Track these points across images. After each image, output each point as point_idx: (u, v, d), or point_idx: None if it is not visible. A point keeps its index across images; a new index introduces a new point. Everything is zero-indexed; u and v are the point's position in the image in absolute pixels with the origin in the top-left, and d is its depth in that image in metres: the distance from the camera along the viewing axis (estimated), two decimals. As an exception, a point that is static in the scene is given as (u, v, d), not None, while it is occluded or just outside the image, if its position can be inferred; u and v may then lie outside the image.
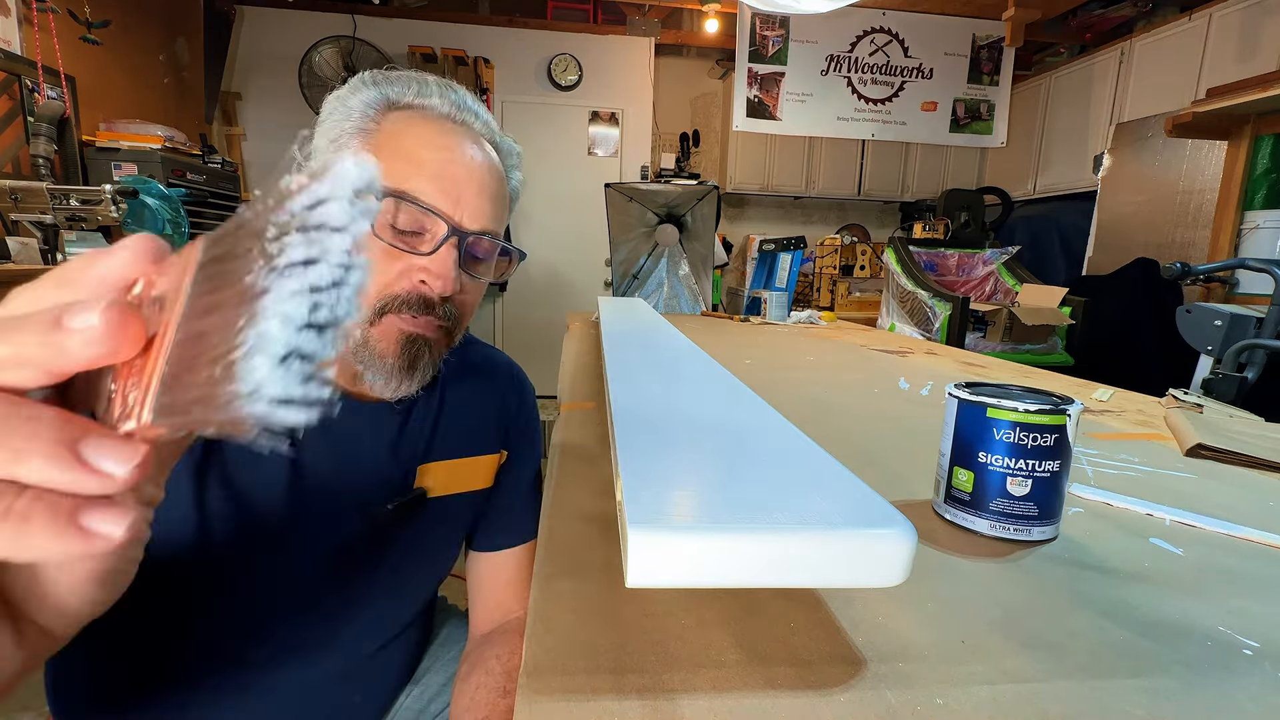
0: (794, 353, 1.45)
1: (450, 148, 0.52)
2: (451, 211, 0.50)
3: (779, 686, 0.32)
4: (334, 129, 0.52)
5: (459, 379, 0.66)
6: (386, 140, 0.51)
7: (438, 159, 0.51)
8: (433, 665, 0.71)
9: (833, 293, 3.96)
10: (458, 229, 0.51)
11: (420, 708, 0.67)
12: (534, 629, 0.36)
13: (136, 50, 3.03)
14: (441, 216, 0.50)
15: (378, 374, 0.51)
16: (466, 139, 0.53)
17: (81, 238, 2.11)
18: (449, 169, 0.51)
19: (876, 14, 3.84)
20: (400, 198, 0.49)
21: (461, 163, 0.52)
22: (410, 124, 0.52)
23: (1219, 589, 0.43)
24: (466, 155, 0.52)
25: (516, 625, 0.64)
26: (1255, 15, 2.66)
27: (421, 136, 0.51)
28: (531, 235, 4.11)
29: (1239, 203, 2.46)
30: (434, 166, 0.50)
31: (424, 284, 0.50)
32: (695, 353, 0.76)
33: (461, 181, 0.51)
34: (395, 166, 0.50)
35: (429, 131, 0.52)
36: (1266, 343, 1.63)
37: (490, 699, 0.55)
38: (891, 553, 0.27)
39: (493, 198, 0.54)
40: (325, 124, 0.53)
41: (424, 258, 0.50)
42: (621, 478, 0.32)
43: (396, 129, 0.51)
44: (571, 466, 0.65)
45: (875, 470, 0.65)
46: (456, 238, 0.51)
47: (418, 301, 0.51)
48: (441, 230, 0.50)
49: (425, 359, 0.53)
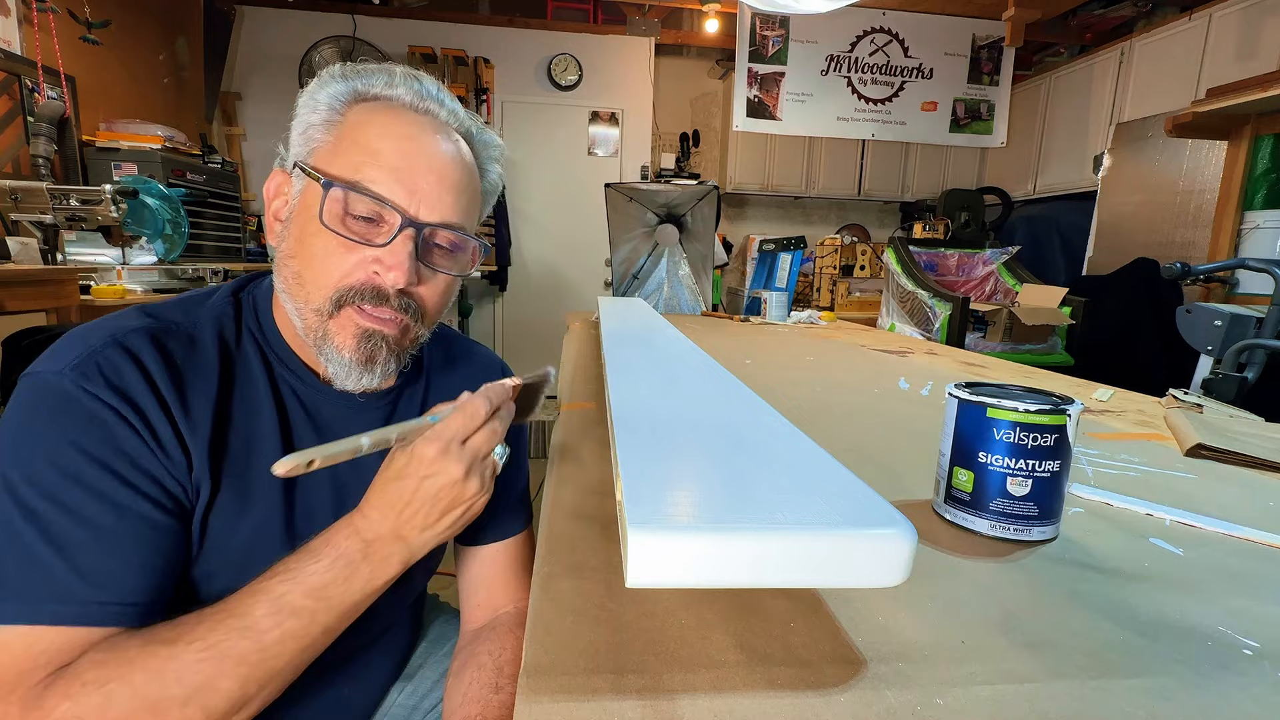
0: (794, 353, 1.45)
1: (410, 137, 0.51)
2: (406, 203, 0.50)
3: (779, 686, 0.32)
4: (303, 122, 0.52)
5: (444, 371, 0.66)
6: (348, 131, 0.51)
7: (395, 148, 0.50)
8: (425, 661, 0.71)
9: (833, 293, 3.96)
10: (412, 220, 0.50)
11: (413, 704, 0.67)
12: (534, 629, 0.36)
13: (136, 50, 3.03)
14: (395, 207, 0.49)
15: (337, 366, 0.52)
16: (429, 128, 0.52)
17: (81, 238, 2.11)
18: (406, 159, 0.50)
19: (876, 14, 3.83)
20: (351, 188, 0.48)
21: (420, 152, 0.51)
22: (373, 114, 0.51)
23: (1219, 589, 0.43)
24: (427, 145, 0.51)
25: (507, 620, 0.64)
26: (1255, 15, 2.66)
27: (382, 126, 0.51)
28: (531, 235, 4.11)
29: (1239, 203, 2.46)
30: (390, 156, 0.50)
31: (378, 275, 0.50)
32: (695, 353, 0.76)
33: (419, 171, 0.50)
34: (353, 157, 0.49)
35: (389, 121, 0.51)
36: (1266, 343, 1.63)
37: (482, 694, 0.55)
38: (892, 553, 0.27)
39: (455, 188, 0.53)
40: (298, 118, 0.53)
41: (378, 249, 0.50)
42: (621, 478, 0.32)
43: (360, 119, 0.51)
44: (572, 467, 0.65)
45: (875, 470, 0.65)
46: (412, 229, 0.50)
47: (372, 292, 0.50)
48: (396, 221, 0.50)
49: (384, 353, 0.52)
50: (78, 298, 1.89)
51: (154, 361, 0.46)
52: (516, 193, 4.00)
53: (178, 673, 0.39)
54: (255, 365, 0.53)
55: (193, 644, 0.40)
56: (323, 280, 0.50)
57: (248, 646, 0.41)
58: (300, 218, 0.51)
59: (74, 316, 1.85)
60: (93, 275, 2.11)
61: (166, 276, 2.31)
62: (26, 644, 0.39)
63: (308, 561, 0.44)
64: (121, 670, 0.39)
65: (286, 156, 0.54)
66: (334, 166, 0.50)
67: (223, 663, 0.40)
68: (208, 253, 2.87)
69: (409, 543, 0.47)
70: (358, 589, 0.45)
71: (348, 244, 0.49)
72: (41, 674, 0.39)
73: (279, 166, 0.55)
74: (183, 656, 0.40)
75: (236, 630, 0.41)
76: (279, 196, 0.54)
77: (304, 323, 0.51)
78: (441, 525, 0.47)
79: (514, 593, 0.66)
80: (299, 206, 0.52)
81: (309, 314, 0.51)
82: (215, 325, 0.52)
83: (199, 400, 0.48)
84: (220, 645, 0.40)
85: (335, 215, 0.49)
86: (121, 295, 2.03)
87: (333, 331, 0.51)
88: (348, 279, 0.50)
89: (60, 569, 0.40)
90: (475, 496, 0.48)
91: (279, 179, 0.54)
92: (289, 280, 0.51)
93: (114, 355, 0.45)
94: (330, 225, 0.49)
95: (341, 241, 0.49)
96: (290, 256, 0.52)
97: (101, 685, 0.38)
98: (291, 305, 0.52)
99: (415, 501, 0.45)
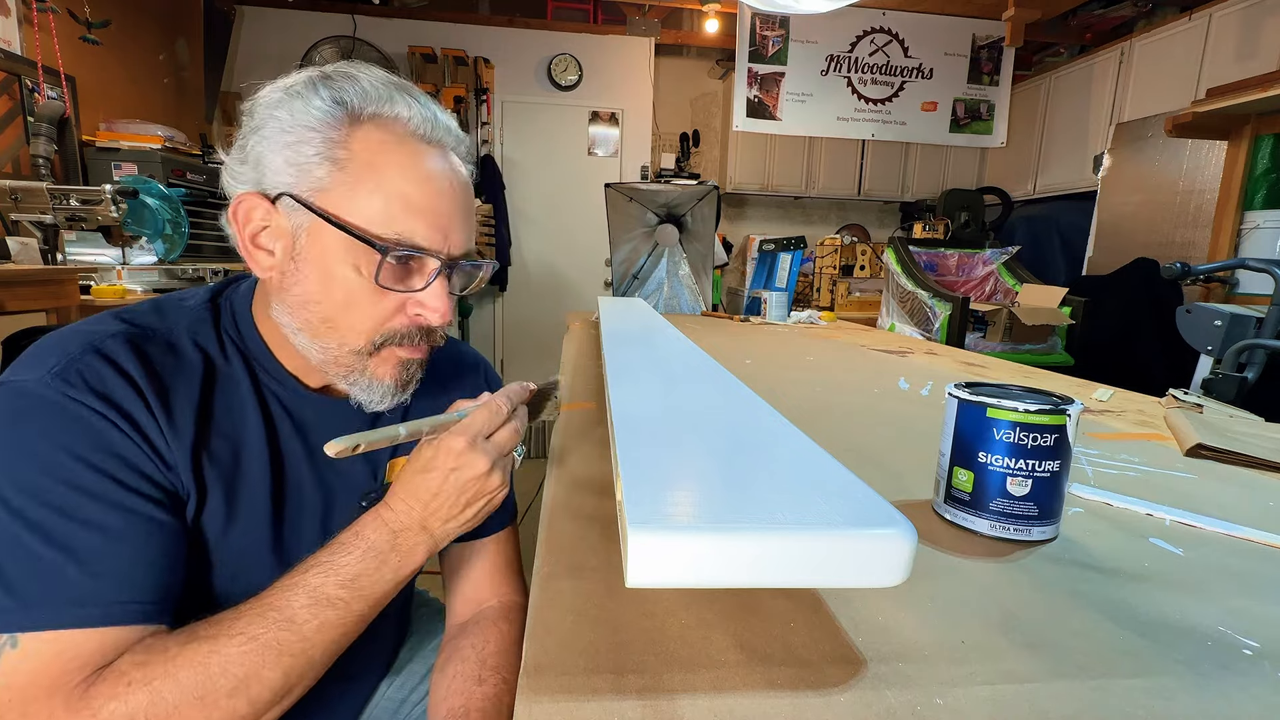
0: (794, 353, 1.45)
1: (433, 177, 0.50)
2: (441, 246, 0.50)
3: (779, 686, 0.32)
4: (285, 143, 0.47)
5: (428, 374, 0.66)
6: (365, 171, 0.47)
7: (422, 192, 0.49)
8: (413, 657, 0.72)
9: (833, 293, 3.96)
10: (447, 261, 0.51)
11: (402, 698, 0.68)
12: (534, 629, 0.36)
13: (136, 50, 3.03)
14: (434, 255, 0.50)
15: (371, 394, 0.53)
16: (441, 159, 0.51)
17: (81, 237, 2.11)
18: (434, 201, 0.49)
19: (876, 14, 3.83)
20: (408, 251, 0.48)
21: (444, 192, 0.50)
22: (385, 149, 0.48)
23: (1219, 589, 0.43)
24: (446, 181, 0.51)
25: (491, 614, 0.64)
26: (1255, 15, 2.66)
27: (401, 168, 0.48)
28: (531, 235, 4.11)
29: (1239, 203, 2.46)
30: (419, 200, 0.48)
31: (419, 316, 0.52)
32: (695, 353, 0.76)
33: (445, 213, 0.50)
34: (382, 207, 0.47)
35: (407, 160, 0.49)
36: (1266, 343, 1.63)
37: (466, 687, 0.56)
38: (892, 553, 0.27)
39: (467, 213, 0.54)
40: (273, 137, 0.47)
41: (418, 292, 0.51)
42: (621, 478, 0.32)
43: (373, 155, 0.48)
44: (571, 467, 0.65)
45: (875, 470, 0.65)
46: (448, 270, 0.52)
47: (417, 334, 0.53)
48: (433, 266, 0.51)
49: (417, 374, 0.56)
50: (78, 298, 1.89)
51: (135, 367, 0.46)
52: (516, 193, 4.00)
53: (223, 665, 0.40)
54: (238, 371, 0.53)
55: (235, 637, 0.41)
56: (362, 326, 0.50)
57: (289, 637, 0.42)
58: (320, 262, 0.48)
59: (74, 316, 1.85)
60: (93, 275, 2.11)
61: (166, 276, 2.31)
62: (55, 650, 0.39)
63: (340, 554, 0.46)
64: (166, 667, 0.40)
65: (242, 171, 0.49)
66: (358, 213, 0.47)
67: (265, 654, 0.41)
68: (208, 253, 2.87)
69: (433, 533, 0.48)
70: (388, 578, 0.47)
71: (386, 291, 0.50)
72: (78, 677, 0.39)
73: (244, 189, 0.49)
74: (226, 650, 0.41)
75: (277, 622, 0.42)
76: (252, 223, 0.49)
77: (335, 362, 0.52)
78: (465, 516, 0.49)
79: (498, 588, 0.67)
80: (313, 249, 0.48)
81: (345, 355, 0.51)
82: (193, 332, 0.52)
83: (182, 406, 0.47)
84: (262, 637, 0.42)
85: (388, 276, 0.49)
86: (121, 295, 2.03)
87: (373, 367, 0.52)
88: (390, 323, 0.51)
89: (74, 573, 0.40)
90: (497, 490, 0.50)
91: (251, 203, 0.49)
92: (312, 323, 0.50)
93: (94, 362, 0.45)
94: (385, 284, 0.49)
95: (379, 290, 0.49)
96: (313, 301, 0.49)
97: (147, 683, 0.39)
98: (314, 345, 0.51)
99: (442, 493, 0.48)
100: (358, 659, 0.64)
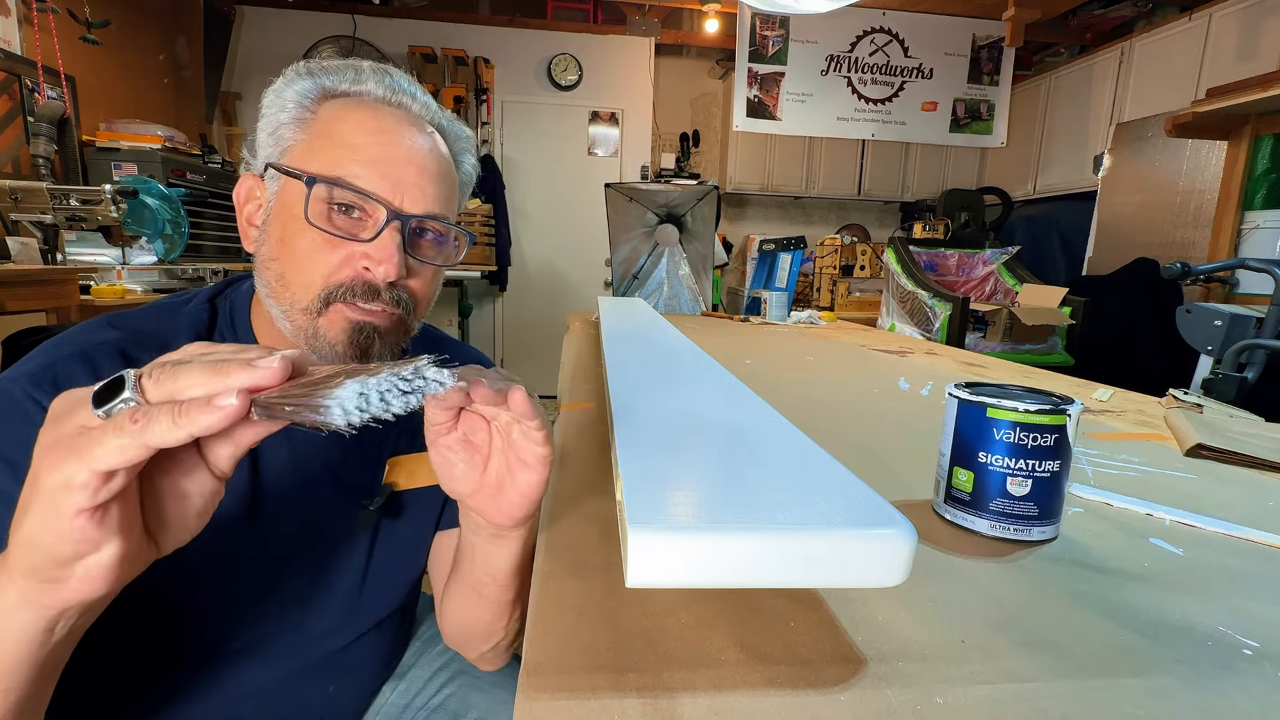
0: (794, 353, 1.45)
1: (387, 130, 0.51)
2: (391, 196, 0.49)
3: (779, 685, 0.32)
4: (271, 121, 0.52)
5: None
6: (322, 128, 0.50)
7: (374, 143, 0.50)
8: (417, 660, 0.71)
9: (833, 293, 3.96)
10: (398, 213, 0.50)
11: (405, 703, 0.67)
12: (534, 628, 0.36)
13: (136, 50, 3.03)
14: (380, 201, 0.49)
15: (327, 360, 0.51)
16: (404, 122, 0.52)
17: (81, 238, 2.11)
18: (386, 152, 0.50)
19: (876, 14, 3.84)
20: (335, 184, 0.48)
21: (399, 145, 0.51)
22: (346, 110, 0.51)
23: (1219, 589, 0.43)
24: (405, 138, 0.51)
25: None
26: (1255, 15, 2.66)
27: (358, 121, 0.50)
28: (531, 235, 4.11)
29: (1239, 203, 2.46)
30: (370, 150, 0.49)
31: (367, 270, 0.49)
32: (695, 352, 0.76)
33: (400, 164, 0.50)
34: (331, 153, 0.49)
35: (365, 116, 0.51)
36: (1266, 343, 1.63)
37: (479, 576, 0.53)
38: (892, 553, 0.27)
39: (435, 179, 0.52)
40: (265, 117, 0.52)
41: (365, 244, 0.49)
42: (621, 478, 0.32)
43: (332, 115, 0.51)
44: (571, 466, 0.65)
45: (875, 470, 0.65)
46: (398, 222, 0.50)
47: (363, 289, 0.50)
48: (381, 215, 0.49)
49: (377, 346, 0.51)
50: (78, 298, 1.89)
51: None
52: (516, 193, 4.00)
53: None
54: None
55: None
56: (309, 279, 0.49)
57: None
58: (280, 218, 0.50)
59: (74, 316, 1.85)
60: (93, 275, 2.11)
61: (166, 276, 2.31)
62: None
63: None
64: None
65: (253, 160, 0.53)
66: (312, 164, 0.49)
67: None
68: (208, 253, 2.87)
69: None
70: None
71: (333, 241, 0.49)
72: None
73: (247, 171, 0.54)
74: None
75: None
76: (250, 201, 0.54)
77: (292, 324, 0.50)
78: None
79: None
80: (276, 207, 0.51)
81: (297, 314, 0.50)
82: (191, 332, 0.52)
83: None
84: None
85: (320, 213, 0.48)
86: (121, 295, 2.03)
87: (323, 328, 0.50)
88: (336, 276, 0.49)
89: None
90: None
91: (249, 183, 0.54)
92: (272, 284, 0.50)
93: (73, 367, 0.45)
94: (315, 222, 0.48)
95: (327, 239, 0.48)
96: (272, 259, 0.50)
97: None
98: (277, 309, 0.51)
99: None
100: (360, 662, 0.64)
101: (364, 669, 0.65)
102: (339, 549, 0.58)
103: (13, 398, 0.43)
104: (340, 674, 0.62)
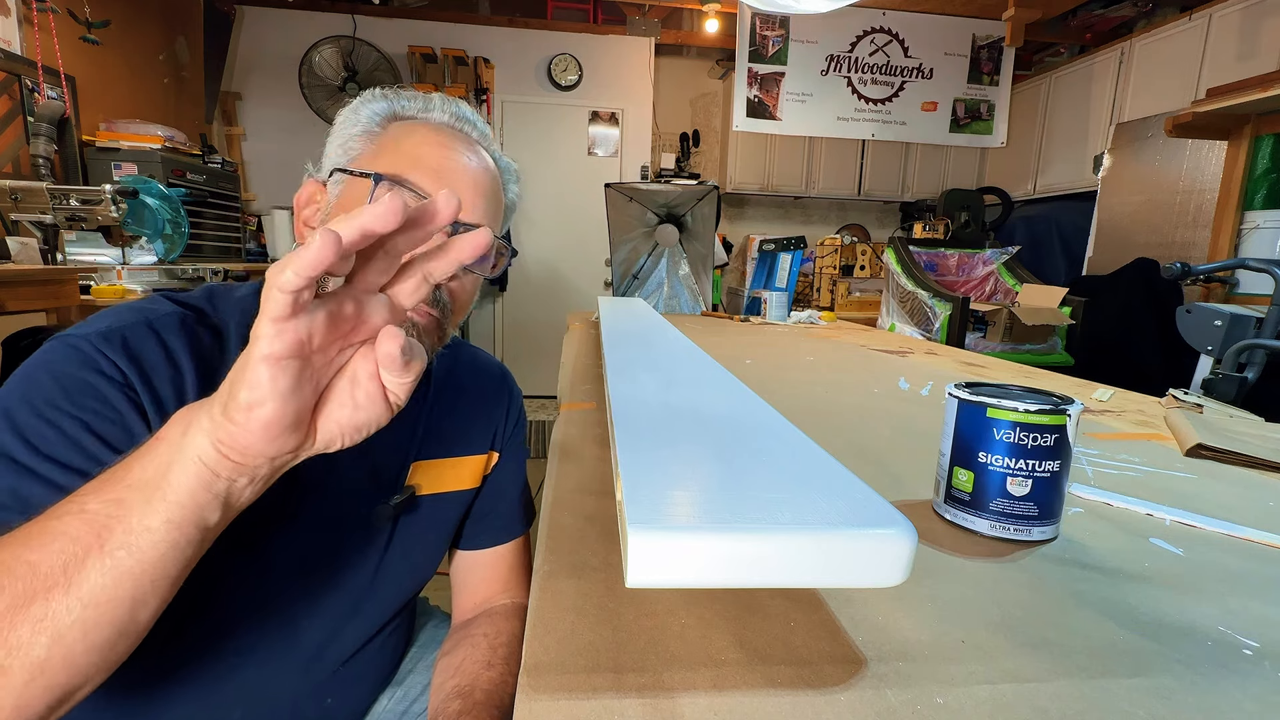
0: (794, 353, 1.45)
1: (448, 146, 0.55)
2: None
3: (779, 685, 0.32)
4: (342, 135, 0.56)
5: (450, 378, 0.67)
6: (389, 142, 0.55)
7: (435, 155, 0.54)
8: (415, 667, 0.70)
9: (833, 293, 3.96)
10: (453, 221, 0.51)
11: (402, 710, 0.67)
12: (534, 628, 0.36)
13: (136, 50, 3.03)
14: None
15: None
16: (463, 143, 0.56)
17: (81, 238, 2.11)
18: (445, 164, 0.54)
19: (876, 14, 3.84)
20: (399, 182, 0.51)
21: (458, 160, 0.55)
22: (413, 129, 0.56)
23: (1219, 589, 0.43)
24: (463, 156, 0.55)
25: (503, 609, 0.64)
26: (1255, 15, 2.66)
27: (423, 137, 0.55)
28: (531, 235, 4.11)
29: (1239, 203, 2.46)
30: (431, 161, 0.53)
31: None
32: (695, 352, 0.76)
33: (458, 175, 0.54)
34: (395, 161, 0.53)
35: (428, 134, 0.55)
36: (1266, 343, 1.63)
37: (474, 670, 0.56)
38: (891, 553, 0.27)
39: (486, 196, 0.56)
40: (337, 132, 0.57)
41: None
42: (621, 478, 0.32)
43: (400, 133, 0.55)
44: (572, 466, 0.65)
45: (875, 470, 0.65)
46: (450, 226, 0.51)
47: None
48: None
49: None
50: (78, 298, 1.89)
51: (181, 348, 0.47)
52: (516, 193, 4.00)
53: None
54: None
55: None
56: None
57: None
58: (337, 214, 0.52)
59: (74, 316, 1.85)
60: (93, 275, 2.12)
61: (166, 276, 2.31)
62: None
63: None
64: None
65: (315, 169, 0.58)
66: (378, 169, 0.53)
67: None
68: (208, 253, 2.87)
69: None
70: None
71: None
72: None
73: (311, 177, 0.58)
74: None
75: None
76: (310, 204, 0.57)
77: None
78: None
79: (511, 589, 0.67)
80: (335, 209, 0.54)
81: None
82: (243, 321, 0.52)
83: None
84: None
85: None
86: (121, 295, 2.03)
87: None
88: None
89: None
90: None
91: (311, 188, 0.57)
92: None
93: (143, 332, 0.46)
94: None
95: None
96: None
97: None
98: None
99: None
100: (357, 671, 0.64)
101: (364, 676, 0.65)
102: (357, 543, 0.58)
103: (81, 350, 0.44)
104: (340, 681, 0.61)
